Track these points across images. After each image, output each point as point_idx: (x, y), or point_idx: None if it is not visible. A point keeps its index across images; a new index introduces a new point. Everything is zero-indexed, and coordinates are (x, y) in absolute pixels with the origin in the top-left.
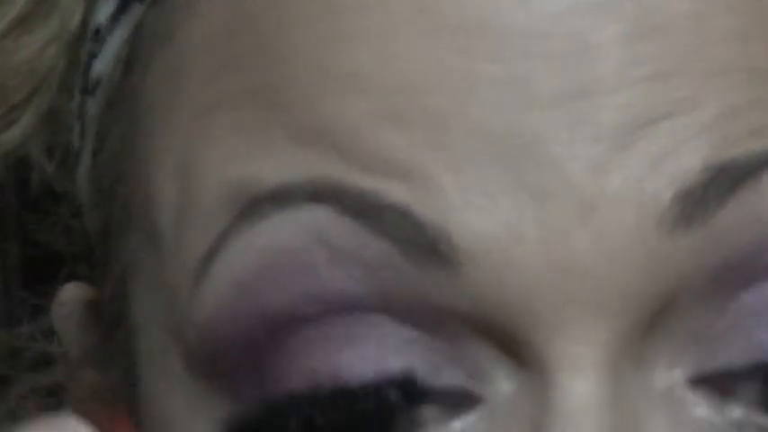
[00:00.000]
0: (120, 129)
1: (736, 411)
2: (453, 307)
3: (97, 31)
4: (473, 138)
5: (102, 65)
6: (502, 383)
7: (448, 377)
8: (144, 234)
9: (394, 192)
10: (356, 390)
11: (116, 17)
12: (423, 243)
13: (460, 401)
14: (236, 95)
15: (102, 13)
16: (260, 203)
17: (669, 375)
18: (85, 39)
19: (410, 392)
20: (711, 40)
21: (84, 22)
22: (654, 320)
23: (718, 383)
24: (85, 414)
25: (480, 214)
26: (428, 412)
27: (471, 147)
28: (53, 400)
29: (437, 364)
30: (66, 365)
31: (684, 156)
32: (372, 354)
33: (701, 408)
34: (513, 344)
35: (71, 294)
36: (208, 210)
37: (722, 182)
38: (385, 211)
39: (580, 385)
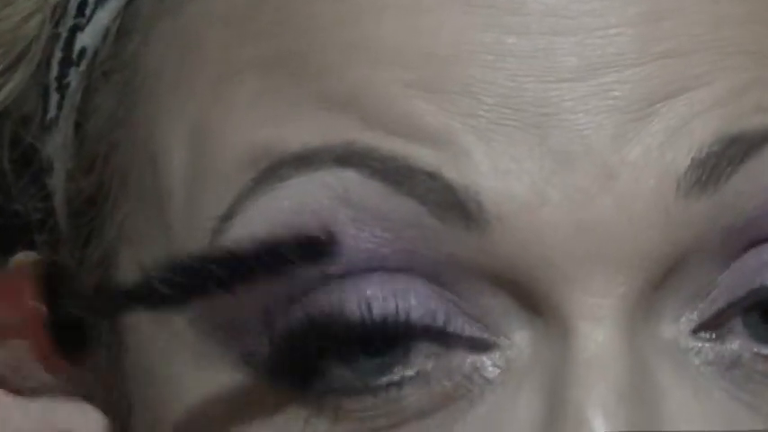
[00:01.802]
0: (114, 98)
1: (734, 344)
2: (476, 264)
3: (81, 6)
4: (500, 106)
5: (89, 37)
6: (518, 335)
7: (463, 327)
8: (144, 198)
9: (424, 156)
10: (377, 324)
11: None
12: (452, 204)
13: (476, 346)
14: (259, 63)
15: None
16: (284, 165)
17: (674, 327)
18: (66, 12)
19: (434, 334)
20: (723, 23)
21: None
22: (665, 277)
23: (716, 323)
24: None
25: (507, 178)
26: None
27: (498, 114)
28: None
29: (456, 315)
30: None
31: (699, 127)
32: (394, 306)
33: (703, 354)
34: (532, 298)
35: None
36: (226, 172)
37: (734, 152)
38: (415, 174)
39: (599, 334)
